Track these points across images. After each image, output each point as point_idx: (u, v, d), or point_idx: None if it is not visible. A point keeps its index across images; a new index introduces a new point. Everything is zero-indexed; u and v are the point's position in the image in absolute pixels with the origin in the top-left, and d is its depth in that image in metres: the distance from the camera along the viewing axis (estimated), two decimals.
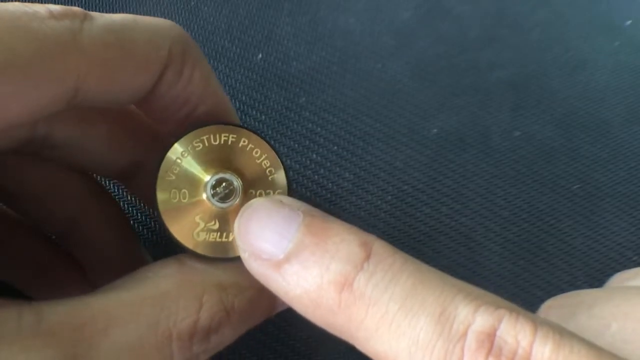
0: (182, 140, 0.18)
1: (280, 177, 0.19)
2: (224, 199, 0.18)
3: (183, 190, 0.18)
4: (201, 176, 0.18)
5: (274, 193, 0.19)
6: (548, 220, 0.29)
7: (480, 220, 0.28)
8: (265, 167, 0.19)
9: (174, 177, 0.18)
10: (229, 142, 0.18)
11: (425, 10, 0.36)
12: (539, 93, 0.33)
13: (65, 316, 0.14)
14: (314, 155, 0.29)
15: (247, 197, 0.18)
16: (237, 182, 0.18)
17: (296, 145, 0.29)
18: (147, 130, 0.21)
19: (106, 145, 0.20)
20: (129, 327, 0.15)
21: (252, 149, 0.19)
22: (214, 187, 0.18)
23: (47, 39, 0.15)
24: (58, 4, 0.16)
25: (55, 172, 0.21)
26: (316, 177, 0.29)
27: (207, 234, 0.18)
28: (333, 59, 0.33)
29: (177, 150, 0.18)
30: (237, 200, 0.18)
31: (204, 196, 0.18)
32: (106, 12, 0.17)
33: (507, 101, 0.32)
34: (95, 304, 0.15)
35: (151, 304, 0.16)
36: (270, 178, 0.19)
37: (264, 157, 0.19)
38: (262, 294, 0.18)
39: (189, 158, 0.18)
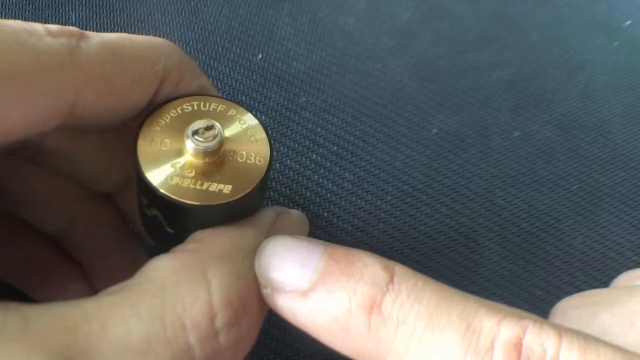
0: (174, 101, 0.19)
1: (265, 151, 0.19)
2: (205, 138, 0.18)
3: (165, 140, 0.18)
4: (185, 129, 0.18)
5: (255, 156, 0.19)
6: (547, 220, 0.29)
7: (480, 220, 0.28)
8: (250, 134, 0.19)
9: (158, 128, 0.18)
10: (217, 110, 0.19)
11: (425, 11, 0.36)
12: (538, 93, 0.33)
13: (54, 319, 0.13)
14: (314, 155, 0.29)
15: (227, 156, 0.18)
16: (218, 126, 0.18)
17: (296, 145, 0.29)
18: None
19: (97, 156, 0.20)
20: (130, 323, 0.14)
21: (238, 118, 0.19)
22: (195, 129, 0.18)
23: (45, 54, 0.15)
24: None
25: (52, 174, 0.21)
26: (316, 177, 0.29)
27: (181, 179, 0.17)
28: (333, 59, 0.33)
29: (167, 107, 0.19)
30: (216, 145, 0.18)
31: (186, 141, 0.18)
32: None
33: (507, 101, 0.32)
34: (87, 305, 0.14)
35: (150, 296, 0.15)
36: (253, 143, 0.19)
37: (248, 125, 0.19)
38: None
39: (177, 116, 0.19)
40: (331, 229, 0.27)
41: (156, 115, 0.18)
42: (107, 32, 0.18)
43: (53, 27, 0.16)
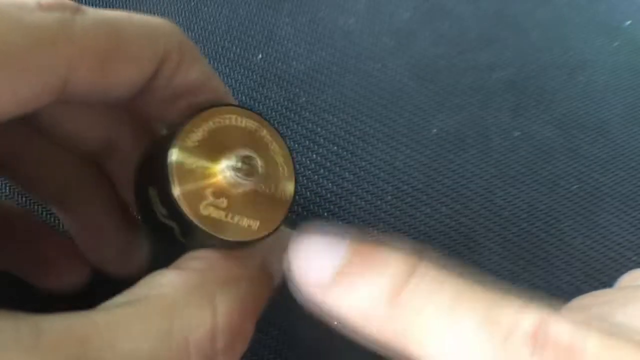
0: (213, 109, 0.18)
1: (290, 185, 0.19)
2: (246, 175, 0.17)
3: (202, 158, 0.17)
4: (224, 148, 0.17)
5: (281, 191, 0.18)
6: (547, 220, 0.29)
7: (480, 220, 0.28)
8: (280, 167, 0.18)
9: (190, 143, 0.17)
10: (253, 129, 0.18)
11: (425, 11, 0.36)
12: (538, 93, 0.33)
13: (66, 330, 0.13)
14: (314, 155, 0.29)
15: (258, 188, 0.18)
16: (259, 163, 0.17)
17: (296, 145, 0.29)
18: (122, 109, 0.21)
19: (77, 114, 0.20)
20: (139, 339, 0.14)
21: (270, 143, 0.18)
22: (238, 160, 0.17)
23: (35, 29, 0.14)
24: None
25: (39, 133, 0.20)
26: (316, 177, 0.29)
27: (213, 210, 0.17)
28: (333, 59, 0.33)
29: (201, 118, 0.18)
30: (254, 183, 0.17)
31: (224, 168, 0.17)
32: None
33: (507, 101, 0.32)
34: (98, 317, 0.14)
35: (160, 314, 0.15)
36: (281, 176, 0.18)
37: (279, 155, 0.19)
38: (263, 276, 0.18)
39: (212, 130, 0.18)
40: None
41: (191, 126, 0.17)
42: None
43: (45, 0, 0.15)
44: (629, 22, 0.36)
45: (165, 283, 0.16)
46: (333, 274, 0.16)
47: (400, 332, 0.15)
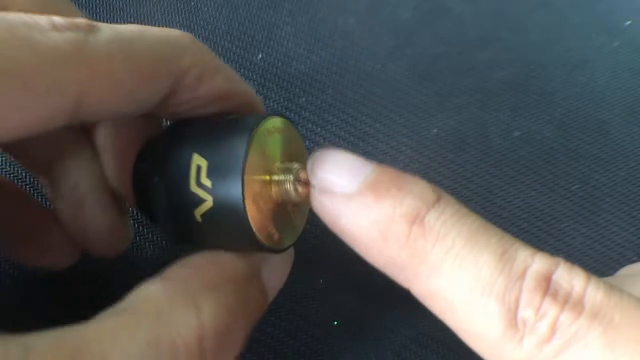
0: (277, 118, 0.18)
1: (306, 207, 0.19)
2: (298, 194, 0.18)
3: (267, 165, 0.17)
4: (285, 158, 0.18)
5: (298, 215, 0.19)
6: (547, 220, 0.29)
7: None
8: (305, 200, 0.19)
9: (266, 150, 0.17)
10: (297, 146, 0.19)
11: (425, 10, 0.36)
12: (538, 93, 0.33)
13: (55, 345, 0.13)
14: None
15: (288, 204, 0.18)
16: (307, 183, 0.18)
17: None
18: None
19: None
20: (128, 348, 0.14)
21: (304, 162, 0.19)
22: (297, 174, 0.17)
23: (47, 51, 0.14)
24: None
25: None
26: None
27: (256, 211, 0.17)
28: (333, 59, 0.33)
29: (273, 123, 0.18)
30: (300, 199, 0.18)
31: (281, 183, 0.17)
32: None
33: (507, 101, 0.32)
34: (86, 331, 0.14)
35: (147, 321, 0.15)
36: (302, 201, 0.19)
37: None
38: (252, 283, 0.18)
39: (278, 137, 0.18)
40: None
41: (263, 131, 0.17)
42: None
43: (59, 20, 0.15)
44: (629, 22, 0.36)
45: (152, 290, 0.16)
46: (359, 185, 0.16)
47: (418, 254, 0.15)
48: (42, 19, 0.15)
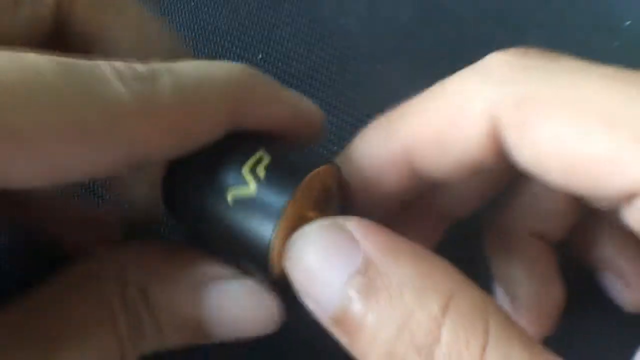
0: (326, 167, 0.18)
1: None
2: None
3: (303, 214, 0.17)
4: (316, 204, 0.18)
5: None
6: None
7: (480, 220, 0.28)
8: None
9: (310, 198, 0.17)
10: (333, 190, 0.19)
11: (425, 11, 0.36)
12: None
13: None
14: None
15: None
16: None
17: None
18: None
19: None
20: None
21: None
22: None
23: (111, 105, 0.14)
24: None
25: None
26: None
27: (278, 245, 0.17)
28: (333, 59, 0.33)
29: (320, 173, 0.18)
30: None
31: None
32: None
33: None
34: None
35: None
36: None
37: None
38: None
39: (317, 185, 0.18)
40: None
41: (310, 180, 0.17)
42: None
43: (124, 69, 0.15)
44: (629, 22, 0.36)
45: None
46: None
47: None
48: (107, 67, 0.15)
